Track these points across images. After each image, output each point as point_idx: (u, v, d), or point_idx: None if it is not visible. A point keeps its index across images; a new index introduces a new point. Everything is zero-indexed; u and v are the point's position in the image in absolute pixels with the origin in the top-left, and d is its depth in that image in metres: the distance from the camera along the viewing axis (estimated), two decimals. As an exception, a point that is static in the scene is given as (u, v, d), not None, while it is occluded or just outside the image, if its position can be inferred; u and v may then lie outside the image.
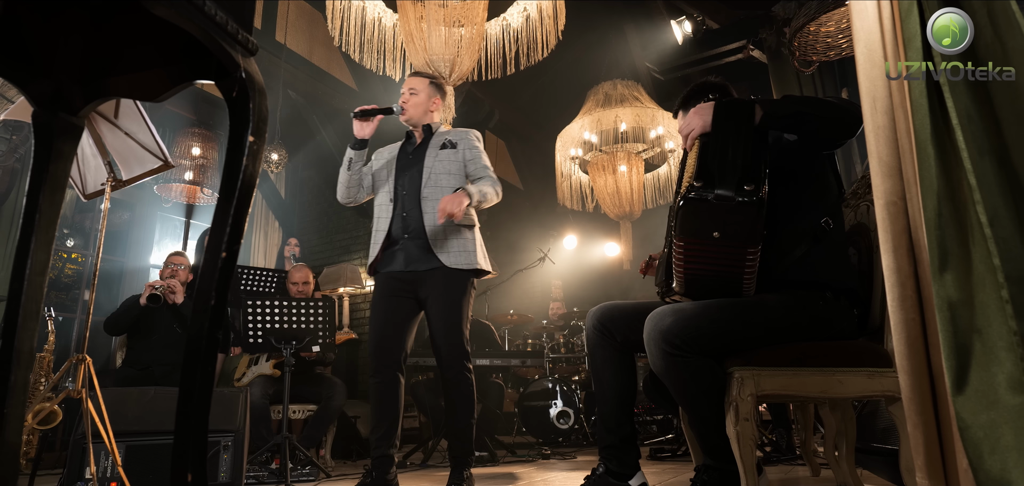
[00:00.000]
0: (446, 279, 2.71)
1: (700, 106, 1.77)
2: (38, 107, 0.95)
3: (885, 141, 1.03)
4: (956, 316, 0.86)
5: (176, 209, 6.69)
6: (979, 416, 0.81)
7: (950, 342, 0.86)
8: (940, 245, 0.88)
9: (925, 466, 0.96)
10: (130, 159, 2.17)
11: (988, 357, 0.83)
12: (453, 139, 2.87)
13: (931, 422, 0.95)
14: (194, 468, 0.80)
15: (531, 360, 5.36)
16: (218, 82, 0.87)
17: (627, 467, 2.00)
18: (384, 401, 2.68)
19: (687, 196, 1.56)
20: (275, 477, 3.25)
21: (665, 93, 7.35)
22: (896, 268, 1.00)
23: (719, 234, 1.59)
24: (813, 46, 4.02)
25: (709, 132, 1.70)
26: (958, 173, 0.89)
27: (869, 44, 1.06)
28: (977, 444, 0.81)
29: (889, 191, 1.03)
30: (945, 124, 0.92)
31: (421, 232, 2.72)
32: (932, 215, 0.89)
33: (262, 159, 0.82)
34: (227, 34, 0.85)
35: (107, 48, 0.95)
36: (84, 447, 2.53)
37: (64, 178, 0.99)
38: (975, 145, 0.87)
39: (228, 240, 0.84)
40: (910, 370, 0.97)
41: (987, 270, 0.84)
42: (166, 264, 3.92)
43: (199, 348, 0.81)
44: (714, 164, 1.58)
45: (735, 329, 1.72)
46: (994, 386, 0.82)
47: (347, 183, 2.84)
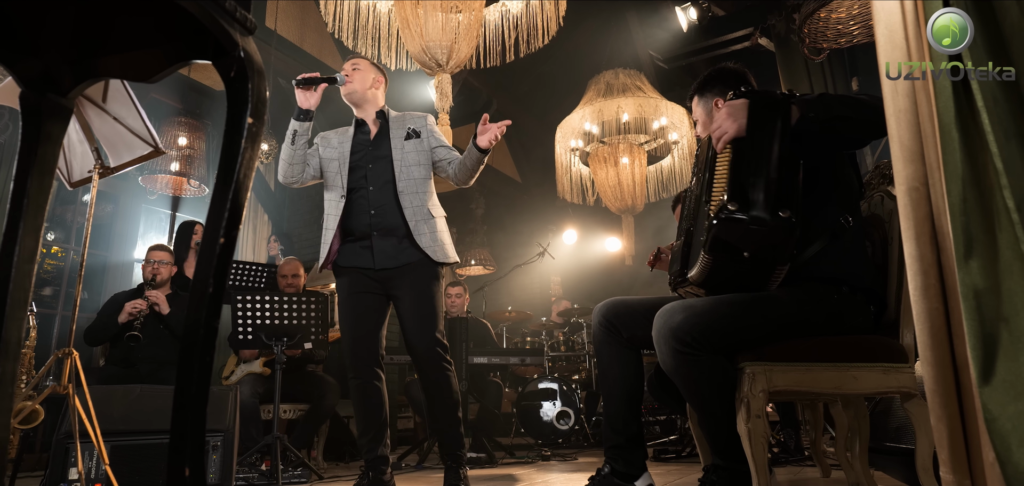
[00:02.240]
0: (421, 272, 2.70)
1: (733, 105, 1.72)
2: (26, 88, 0.94)
3: (907, 125, 1.03)
4: (982, 305, 0.86)
5: (162, 201, 6.66)
6: (1007, 407, 0.82)
7: (976, 332, 0.86)
8: (965, 232, 0.88)
9: (949, 460, 0.96)
10: (118, 145, 2.16)
11: (1016, 346, 0.83)
12: (414, 127, 2.82)
13: (955, 415, 0.96)
14: (192, 463, 0.80)
15: (530, 359, 5.36)
16: (215, 62, 0.86)
17: (634, 468, 1.99)
18: (369, 402, 2.68)
19: (720, 216, 1.58)
20: (265, 479, 3.24)
21: (669, 82, 7.35)
22: (919, 256, 1.00)
23: (750, 254, 1.64)
24: (823, 33, 4.03)
25: (743, 138, 1.67)
26: (983, 157, 0.89)
27: (890, 25, 1.06)
28: (1005, 436, 0.81)
29: (911, 177, 1.03)
30: (970, 107, 0.92)
31: (396, 228, 2.70)
32: (956, 201, 0.89)
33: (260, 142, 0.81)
34: (225, 11, 0.84)
35: (98, 26, 0.95)
36: (68, 446, 2.52)
37: (53, 162, 0.98)
38: (1002, 128, 0.87)
39: (226, 226, 0.84)
40: (934, 361, 0.97)
41: (1015, 256, 0.84)
42: (147, 260, 3.89)
43: (196, 337, 0.81)
44: (749, 182, 1.58)
45: (747, 325, 1.72)
46: (1022, 376, 0.82)
47: (290, 160, 2.71)
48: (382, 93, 2.91)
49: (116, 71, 1.00)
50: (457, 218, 8.44)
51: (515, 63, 4.49)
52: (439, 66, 3.98)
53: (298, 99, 2.65)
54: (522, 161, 9.64)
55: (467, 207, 8.52)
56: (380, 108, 2.86)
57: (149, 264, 3.87)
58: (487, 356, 4.73)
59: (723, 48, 6.45)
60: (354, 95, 2.81)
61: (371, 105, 2.85)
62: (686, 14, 5.97)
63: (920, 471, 1.72)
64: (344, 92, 2.79)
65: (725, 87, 2.11)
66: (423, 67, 4.04)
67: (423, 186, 2.77)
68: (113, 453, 2.57)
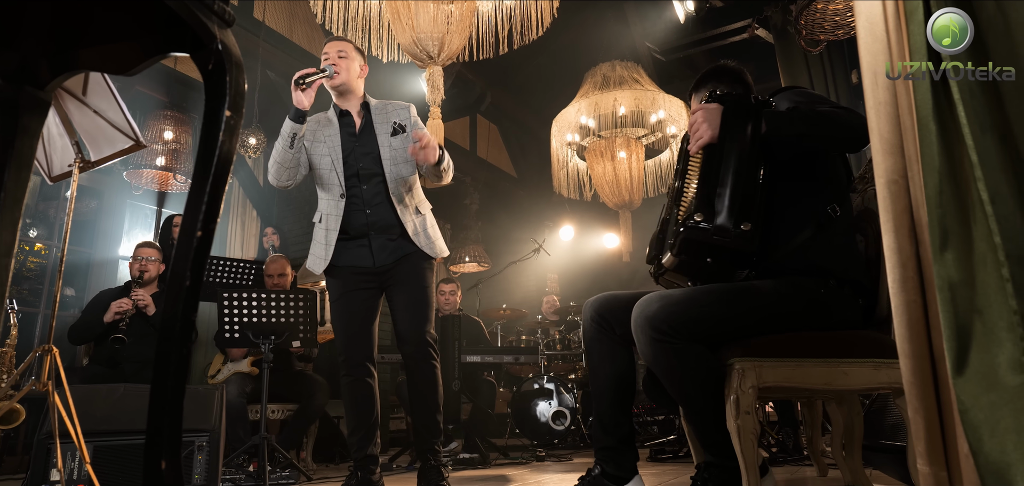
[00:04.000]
0: (416, 263, 2.73)
1: (709, 108, 1.87)
2: (3, 80, 0.96)
3: (887, 117, 1.06)
4: (957, 296, 0.89)
5: (147, 197, 6.66)
6: (979, 398, 0.84)
7: (950, 323, 0.89)
8: (941, 224, 0.91)
9: (926, 451, 0.99)
10: (99, 139, 2.17)
11: (989, 338, 0.86)
12: (399, 121, 2.80)
13: (932, 407, 0.98)
14: (169, 456, 0.82)
15: (525, 357, 5.39)
16: (193, 54, 0.89)
17: (624, 470, 1.98)
18: (360, 401, 2.70)
19: (687, 224, 1.75)
20: (253, 480, 3.26)
21: (666, 75, 7.38)
22: (897, 248, 1.03)
23: (712, 260, 1.80)
24: (821, 24, 4.06)
25: (715, 145, 1.81)
26: (959, 150, 0.92)
27: (871, 17, 1.08)
28: (977, 427, 0.84)
29: (890, 169, 1.06)
30: (947, 100, 0.95)
31: (392, 226, 2.72)
32: (933, 193, 0.92)
33: (239, 135, 0.84)
34: (202, 4, 0.86)
35: (76, 18, 0.96)
36: (49, 446, 2.53)
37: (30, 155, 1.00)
38: (977, 122, 0.90)
39: (203, 219, 0.86)
40: (911, 354, 1.00)
41: (988, 249, 0.87)
42: (135, 257, 3.91)
43: (173, 330, 0.83)
44: (715, 192, 1.76)
45: (725, 315, 1.76)
46: (994, 367, 0.85)
47: (285, 163, 2.64)
48: (362, 81, 2.87)
49: (94, 64, 1.01)
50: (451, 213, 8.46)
51: (510, 55, 4.51)
52: (430, 58, 4.00)
53: (295, 99, 2.58)
54: (517, 155, 9.67)
55: (461, 202, 8.54)
56: (362, 99, 2.84)
57: (137, 261, 3.89)
58: (480, 355, 4.75)
59: (721, 40, 6.48)
60: (343, 86, 2.76)
61: (355, 96, 2.82)
62: (683, 5, 6.00)
63: (912, 468, 1.75)
64: (331, 84, 2.74)
65: (719, 83, 2.14)
66: (414, 59, 4.06)
67: (412, 182, 2.80)
68: (96, 453, 2.59)
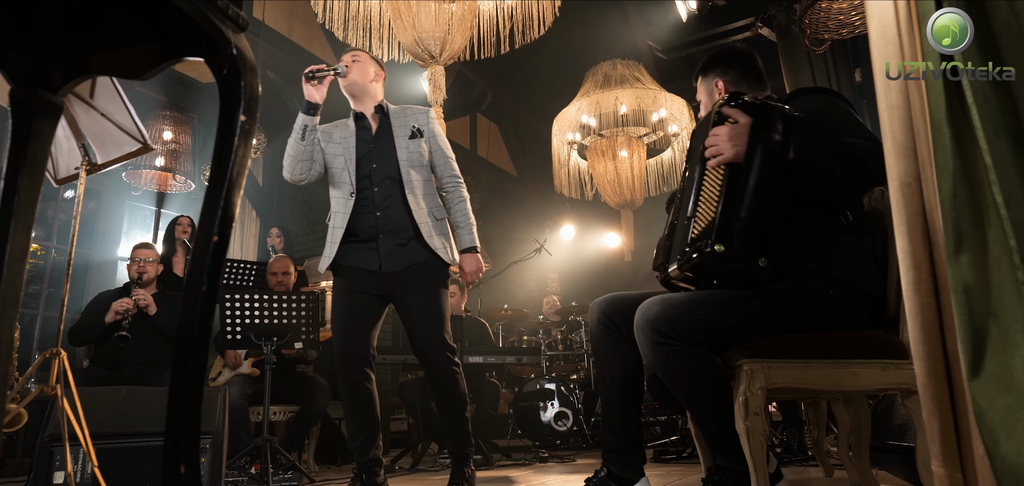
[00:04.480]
0: (429, 271, 2.73)
1: (736, 128, 1.75)
2: (16, 85, 0.97)
3: (899, 120, 1.07)
4: (971, 299, 0.90)
5: (146, 197, 6.66)
6: (995, 401, 0.85)
7: (966, 326, 0.90)
8: (955, 227, 0.92)
9: (941, 454, 1.00)
10: (106, 141, 2.18)
11: (1004, 340, 0.87)
12: (418, 125, 2.84)
13: (947, 409, 0.99)
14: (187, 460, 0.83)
15: (527, 358, 5.40)
16: (207, 59, 0.89)
17: (632, 472, 1.98)
18: (360, 404, 2.71)
19: (702, 251, 1.69)
20: (255, 482, 3.27)
21: (668, 74, 7.39)
22: (911, 251, 1.04)
23: (719, 283, 1.79)
24: (825, 23, 4.06)
25: (740, 166, 1.72)
26: (974, 153, 0.93)
27: (883, 19, 1.09)
28: (993, 429, 0.85)
29: (904, 172, 1.06)
30: (960, 103, 0.95)
31: (403, 229, 2.73)
32: (947, 196, 0.92)
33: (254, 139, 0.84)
34: (217, 8, 0.87)
35: (88, 22, 0.97)
36: (53, 449, 2.54)
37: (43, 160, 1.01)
38: (991, 124, 0.91)
39: (220, 224, 0.87)
40: (925, 356, 1.01)
41: (1003, 252, 0.88)
42: (132, 258, 3.91)
43: (190, 335, 0.84)
44: (737, 222, 1.68)
45: (730, 318, 1.75)
46: (1010, 370, 0.86)
47: (299, 157, 2.72)
48: (381, 87, 2.93)
49: (107, 68, 1.02)
50: (451, 214, 8.44)
51: (511, 54, 4.52)
52: (432, 58, 4.01)
53: (306, 93, 2.66)
54: (518, 155, 9.67)
55: (461, 202, 8.52)
56: (379, 103, 2.89)
57: (135, 263, 3.89)
58: (483, 356, 4.76)
59: (723, 38, 6.49)
60: (354, 87, 2.82)
61: (370, 99, 2.87)
62: (686, 3, 6.01)
63: (920, 469, 1.75)
64: (344, 84, 2.81)
65: (727, 67, 2.12)
66: (416, 59, 4.07)
67: (429, 186, 2.82)
68: (99, 456, 2.59)
